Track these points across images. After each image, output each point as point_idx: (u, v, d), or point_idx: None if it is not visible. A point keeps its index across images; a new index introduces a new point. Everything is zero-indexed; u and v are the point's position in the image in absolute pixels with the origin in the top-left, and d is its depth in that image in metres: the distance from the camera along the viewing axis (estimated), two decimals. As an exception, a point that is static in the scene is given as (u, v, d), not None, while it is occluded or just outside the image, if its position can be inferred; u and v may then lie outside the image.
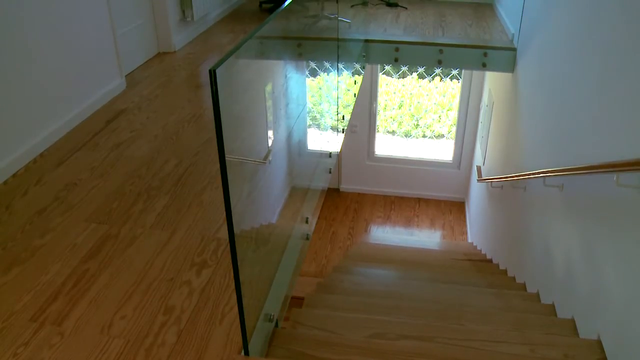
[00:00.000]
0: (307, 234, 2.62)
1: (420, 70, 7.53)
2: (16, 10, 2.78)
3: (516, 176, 3.59)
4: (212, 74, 1.23)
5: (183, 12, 4.67)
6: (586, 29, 2.72)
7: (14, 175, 2.77)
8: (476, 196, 6.35)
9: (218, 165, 1.39)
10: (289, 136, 2.57)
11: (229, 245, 1.61)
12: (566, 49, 3.02)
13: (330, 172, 3.39)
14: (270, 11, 5.65)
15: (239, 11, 5.79)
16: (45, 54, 3.01)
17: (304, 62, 2.95)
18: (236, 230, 1.48)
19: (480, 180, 5.49)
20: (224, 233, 2.37)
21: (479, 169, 5.80)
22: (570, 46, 2.96)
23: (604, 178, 2.25)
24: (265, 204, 2.22)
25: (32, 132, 2.94)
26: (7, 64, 2.74)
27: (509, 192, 4.31)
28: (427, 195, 7.41)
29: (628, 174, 1.96)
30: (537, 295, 3.10)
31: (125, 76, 3.87)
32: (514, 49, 4.47)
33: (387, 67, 7.30)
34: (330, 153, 3.46)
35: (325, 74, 3.57)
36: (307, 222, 2.69)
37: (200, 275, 2.14)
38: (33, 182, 2.73)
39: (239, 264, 1.52)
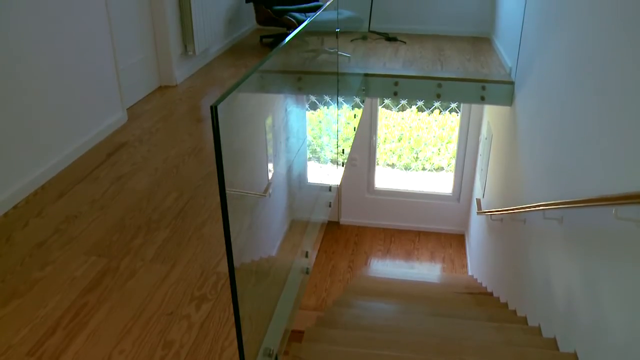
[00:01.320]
0: (307, 268, 2.62)
1: (420, 103, 7.59)
2: (19, 42, 2.82)
3: (516, 209, 3.60)
4: (214, 111, 1.25)
5: (185, 46, 4.73)
6: (584, 62, 2.75)
7: (14, 207, 2.78)
8: (476, 229, 6.34)
9: (218, 199, 1.40)
10: (289, 169, 2.59)
11: (228, 279, 1.61)
12: (564, 81, 3.06)
13: (330, 206, 3.39)
14: (271, 45, 5.72)
15: (239, 45, 5.86)
16: (48, 87, 3.05)
17: (304, 96, 2.98)
18: (236, 263, 1.48)
19: (480, 212, 5.49)
20: (223, 267, 2.36)
21: (478, 201, 5.81)
22: (567, 79, 3.00)
23: (603, 211, 2.25)
24: (265, 237, 2.22)
25: (34, 164, 2.96)
26: (9, 96, 2.76)
27: (508, 224, 4.31)
28: (427, 228, 7.40)
29: (626, 207, 1.97)
30: (539, 328, 3.08)
31: (127, 109, 3.90)
32: (512, 83, 4.52)
33: (387, 101, 7.36)
34: (330, 187, 3.47)
35: (325, 107, 3.60)
36: (307, 256, 2.69)
37: (200, 309, 2.13)
38: (33, 214, 2.73)
39: (238, 298, 1.52)
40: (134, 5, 4.13)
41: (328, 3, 3.24)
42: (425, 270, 6.70)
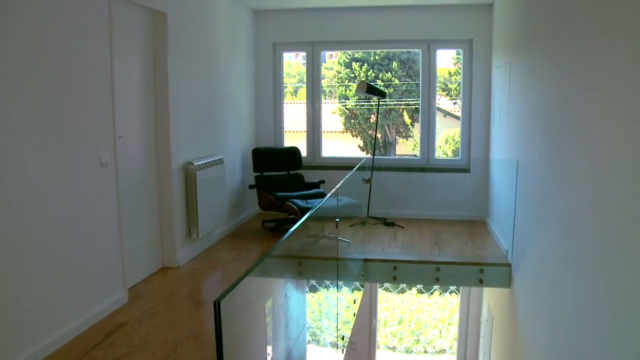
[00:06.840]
0: None
1: (419, 286, 7.62)
2: (24, 217, 2.93)
3: (521, 397, 3.48)
4: (217, 306, 1.27)
5: (189, 229, 4.86)
6: (579, 243, 2.82)
7: (-1, 392, 2.70)
8: (483, 419, 6.03)
9: (217, 386, 1.40)
10: (289, 356, 2.56)
11: None
12: (560, 261, 3.11)
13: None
14: (272, 229, 5.88)
15: (242, 229, 6.03)
16: (49, 264, 3.09)
17: (304, 281, 3.04)
18: None
19: (485, 401, 5.27)
20: None
21: (483, 388, 5.60)
22: (564, 259, 3.05)
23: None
24: None
25: (27, 344, 2.91)
26: (7, 269, 2.80)
27: (516, 414, 4.13)
28: (431, 417, 7.04)
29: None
30: None
31: (128, 289, 3.92)
32: (509, 265, 4.59)
33: (387, 283, 7.39)
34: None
35: (326, 289, 3.64)
36: None
37: None
38: (21, 400, 2.65)
39: None
40: (143, 189, 4.33)
41: (329, 195, 3.42)
42: None
